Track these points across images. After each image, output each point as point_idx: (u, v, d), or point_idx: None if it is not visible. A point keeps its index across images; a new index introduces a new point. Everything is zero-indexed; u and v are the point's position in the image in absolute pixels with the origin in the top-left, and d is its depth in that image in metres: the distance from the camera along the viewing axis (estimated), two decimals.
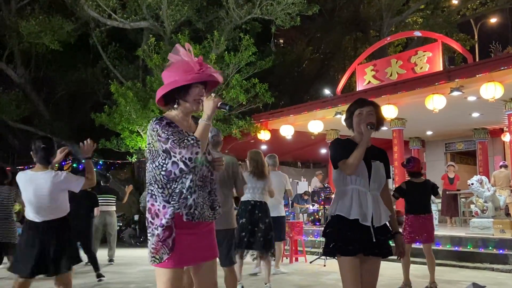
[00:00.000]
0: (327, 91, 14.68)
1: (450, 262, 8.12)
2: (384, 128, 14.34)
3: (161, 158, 2.49)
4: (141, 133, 12.65)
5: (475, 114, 11.66)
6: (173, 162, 2.44)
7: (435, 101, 9.57)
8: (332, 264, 8.25)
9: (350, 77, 14.10)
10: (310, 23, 19.64)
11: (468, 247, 8.45)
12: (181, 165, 2.43)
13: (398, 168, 11.90)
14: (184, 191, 2.48)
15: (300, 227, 9.35)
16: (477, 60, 14.65)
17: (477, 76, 9.05)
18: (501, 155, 13.94)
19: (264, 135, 13.24)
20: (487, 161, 13.33)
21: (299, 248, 9.31)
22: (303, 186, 15.52)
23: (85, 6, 13.86)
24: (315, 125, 12.41)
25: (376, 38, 19.68)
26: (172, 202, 2.47)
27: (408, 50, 15.59)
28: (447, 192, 12.06)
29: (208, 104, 2.54)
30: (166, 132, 2.47)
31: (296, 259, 9.10)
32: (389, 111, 10.46)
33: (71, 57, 17.16)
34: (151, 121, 2.56)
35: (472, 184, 8.88)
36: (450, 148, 15.30)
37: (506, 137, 12.56)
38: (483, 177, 9.15)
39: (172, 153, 2.44)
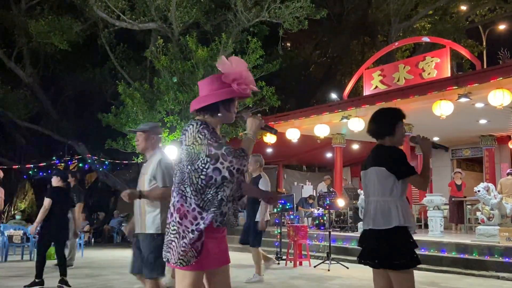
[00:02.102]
0: (333, 95, 14.67)
1: (456, 270, 8.07)
2: None
3: (201, 162, 2.45)
4: None
5: (483, 121, 11.60)
6: (215, 169, 2.42)
7: (443, 107, 9.54)
8: (336, 269, 8.22)
9: (357, 82, 14.08)
10: (318, 27, 19.64)
11: (474, 254, 8.38)
12: (226, 173, 2.42)
13: None
14: (225, 199, 2.50)
15: (305, 231, 9.34)
16: (485, 66, 14.57)
17: (485, 83, 9.01)
18: (508, 162, 13.86)
19: (270, 138, 13.23)
20: (494, 168, 13.25)
21: (303, 252, 9.29)
22: (308, 190, 15.50)
23: (94, 6, 13.94)
24: (321, 129, 12.40)
25: (384, 43, 19.65)
26: (212, 209, 2.47)
27: (415, 55, 15.54)
28: (453, 199, 12.00)
29: (254, 122, 2.62)
30: (216, 138, 2.49)
31: (300, 263, 9.08)
32: None
33: (79, 57, 17.28)
34: (194, 124, 2.54)
35: (479, 191, 8.82)
36: (456, 155, 15.23)
37: None
38: (490, 184, 9.09)
39: (221, 160, 2.42)
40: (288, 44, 22.30)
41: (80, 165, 17.23)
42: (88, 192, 17.76)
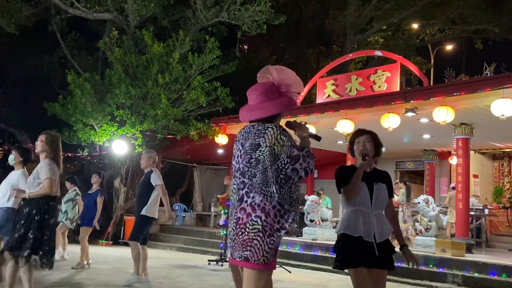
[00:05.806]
0: None
1: (392, 278, 8.33)
2: (340, 142, 14.29)
3: (282, 162, 2.58)
4: (95, 126, 12.30)
5: (426, 136, 12.08)
6: (294, 169, 2.57)
7: (390, 120, 9.85)
8: (279, 273, 8.28)
9: (311, 89, 14.30)
10: (276, 32, 19.80)
11: (410, 264, 8.69)
12: (302, 173, 2.59)
13: None
14: (299, 198, 2.69)
15: None
16: (432, 84, 15.21)
17: (431, 99, 9.39)
18: (447, 177, 14.50)
19: (222, 139, 13.19)
20: (434, 181, 13.85)
21: None
22: None
23: None
24: None
25: (338, 53, 20.10)
26: (292, 208, 2.64)
27: (368, 68, 15.98)
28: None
29: (304, 129, 2.88)
30: (294, 141, 2.67)
31: None
32: (345, 126, 10.69)
33: (28, 42, 16.54)
34: (273, 127, 2.66)
35: (419, 203, 9.19)
36: (400, 167, 15.78)
37: (453, 160, 13.10)
38: (429, 197, 9.48)
39: (301, 161, 2.56)
40: (246, 47, 22.35)
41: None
42: None
